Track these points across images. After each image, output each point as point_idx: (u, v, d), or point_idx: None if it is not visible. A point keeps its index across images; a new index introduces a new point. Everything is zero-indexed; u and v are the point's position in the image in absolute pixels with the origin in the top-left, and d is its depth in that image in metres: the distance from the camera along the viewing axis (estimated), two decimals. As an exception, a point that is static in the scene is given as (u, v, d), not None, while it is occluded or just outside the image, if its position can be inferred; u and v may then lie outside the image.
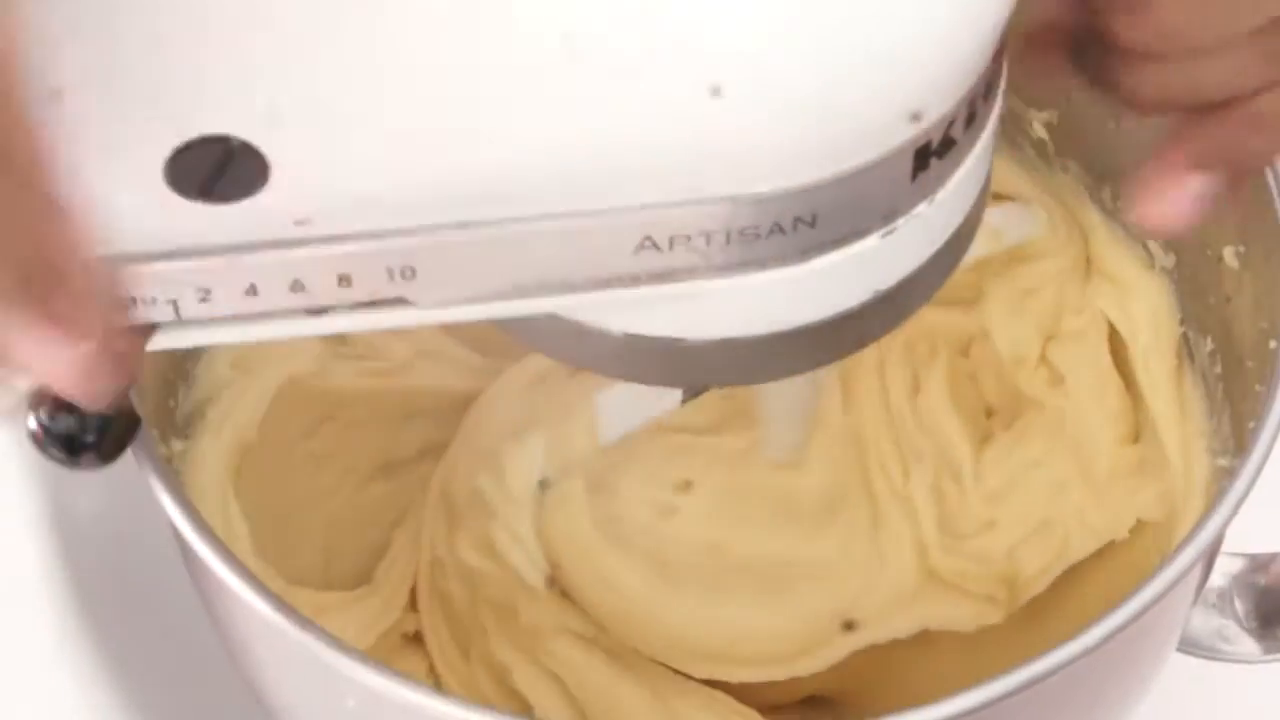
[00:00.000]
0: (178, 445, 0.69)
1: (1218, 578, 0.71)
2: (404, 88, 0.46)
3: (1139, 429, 0.75)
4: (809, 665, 0.74)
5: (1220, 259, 0.69)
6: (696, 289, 0.50)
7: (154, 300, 0.48)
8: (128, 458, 0.62)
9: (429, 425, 0.80)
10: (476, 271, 0.49)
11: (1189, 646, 0.71)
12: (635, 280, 0.49)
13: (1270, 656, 0.71)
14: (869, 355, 0.77)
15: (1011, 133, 0.77)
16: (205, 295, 0.48)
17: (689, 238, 0.48)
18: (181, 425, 0.70)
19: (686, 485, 0.76)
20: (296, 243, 0.47)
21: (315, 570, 0.75)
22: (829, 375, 0.76)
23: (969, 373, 0.78)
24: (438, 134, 0.46)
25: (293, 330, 0.50)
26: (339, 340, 0.78)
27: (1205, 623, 0.71)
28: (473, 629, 0.75)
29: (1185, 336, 0.73)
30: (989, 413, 0.78)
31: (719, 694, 0.73)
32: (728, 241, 0.48)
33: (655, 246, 0.48)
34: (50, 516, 0.63)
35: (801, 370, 0.54)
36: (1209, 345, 0.71)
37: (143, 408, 0.63)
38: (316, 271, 0.48)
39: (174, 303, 0.49)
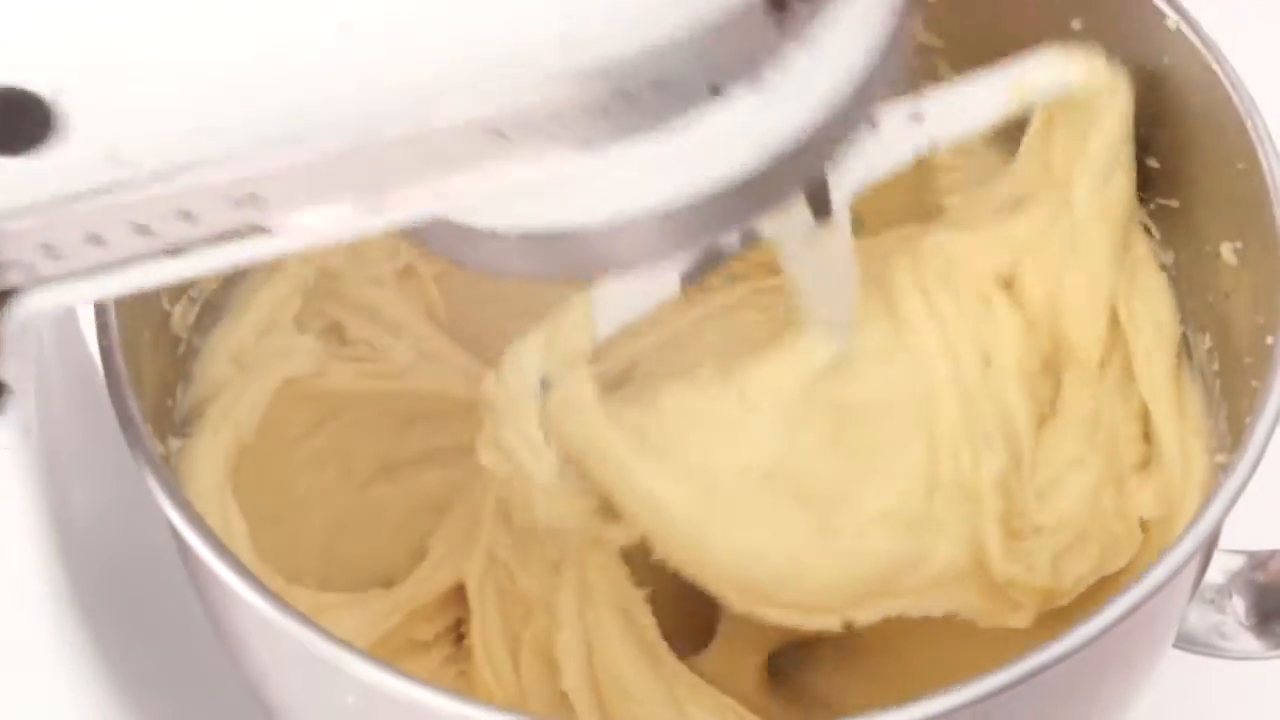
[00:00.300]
0: (175, 444, 0.69)
1: (1216, 575, 0.71)
2: (196, 26, 0.45)
3: (1146, 427, 0.75)
4: (837, 622, 0.73)
5: (1218, 255, 0.69)
6: (569, 171, 0.47)
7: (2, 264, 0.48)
8: (126, 456, 0.63)
9: (430, 429, 0.80)
10: (325, 189, 0.47)
11: (1188, 643, 0.71)
12: (499, 171, 0.47)
13: (1269, 653, 0.71)
14: (909, 287, 0.74)
15: (1010, 130, 0.77)
16: (52, 252, 0.48)
17: (535, 120, 0.46)
18: (179, 424, 0.70)
19: (734, 391, 0.72)
20: (120, 186, 0.46)
21: (314, 571, 0.76)
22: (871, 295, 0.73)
23: (1029, 319, 0.75)
24: (237, 69, 0.45)
25: (160, 275, 0.49)
26: (339, 342, 0.78)
27: (1204, 619, 0.71)
28: (523, 608, 0.75)
29: (1183, 335, 0.73)
30: (1045, 368, 0.75)
31: (729, 701, 0.72)
32: (581, 118, 0.46)
33: (504, 135, 0.46)
34: (46, 514, 0.63)
35: (724, 232, 0.52)
36: (1207, 342, 0.71)
37: (140, 405, 0.63)
38: (154, 211, 0.47)
39: (24, 263, 0.48)
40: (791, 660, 0.79)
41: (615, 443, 0.71)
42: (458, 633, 0.77)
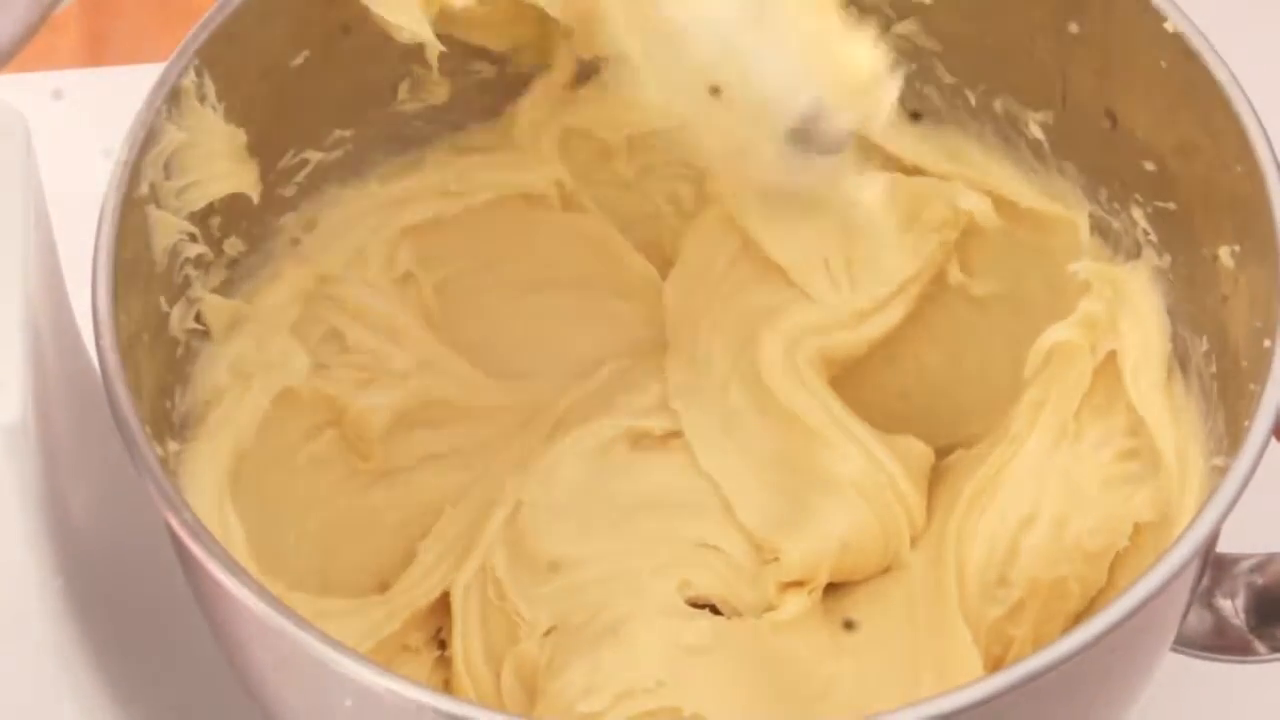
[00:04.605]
0: (174, 447, 0.69)
1: (1215, 577, 0.71)
2: None
3: (1137, 442, 0.75)
4: None
5: (1216, 258, 0.69)
6: None
7: None
8: (124, 459, 0.62)
9: (428, 436, 0.80)
10: None
11: (1187, 646, 0.71)
12: None
13: (1268, 656, 0.71)
14: None
15: (1008, 133, 0.77)
16: None
17: None
18: (178, 427, 0.70)
19: None
20: None
21: (312, 576, 0.76)
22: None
23: None
24: None
25: None
26: (338, 349, 0.78)
27: (1203, 622, 0.71)
28: (509, 626, 0.76)
29: (1181, 338, 0.72)
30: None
31: None
32: None
33: None
34: (44, 517, 0.63)
35: None
36: (1204, 345, 0.71)
37: (138, 407, 0.63)
38: None
39: None
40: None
41: None
42: (438, 639, 0.77)
